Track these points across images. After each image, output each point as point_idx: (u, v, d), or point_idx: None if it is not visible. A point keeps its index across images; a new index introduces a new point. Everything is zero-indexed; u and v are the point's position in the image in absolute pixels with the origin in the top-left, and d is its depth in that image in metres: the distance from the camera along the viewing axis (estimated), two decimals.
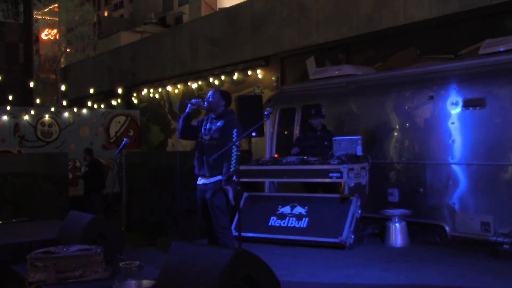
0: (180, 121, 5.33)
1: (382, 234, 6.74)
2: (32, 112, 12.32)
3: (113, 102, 16.58)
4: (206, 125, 5.32)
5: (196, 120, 5.48)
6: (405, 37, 9.17)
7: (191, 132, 5.38)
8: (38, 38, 34.41)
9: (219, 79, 12.99)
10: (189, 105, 5.30)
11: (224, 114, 5.28)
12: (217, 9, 21.74)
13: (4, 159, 8.15)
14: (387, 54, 9.46)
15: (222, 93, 5.37)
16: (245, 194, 7.31)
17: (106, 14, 40.61)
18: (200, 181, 5.36)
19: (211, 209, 5.21)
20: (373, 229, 7.17)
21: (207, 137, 5.26)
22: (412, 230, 6.72)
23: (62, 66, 25.62)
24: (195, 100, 5.32)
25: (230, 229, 5.41)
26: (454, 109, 6.50)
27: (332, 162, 6.70)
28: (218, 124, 5.22)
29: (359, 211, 6.58)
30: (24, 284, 3.31)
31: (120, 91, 15.26)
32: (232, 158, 5.04)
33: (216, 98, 5.28)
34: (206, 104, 5.26)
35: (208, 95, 5.32)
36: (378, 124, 7.45)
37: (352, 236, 6.39)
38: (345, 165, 6.50)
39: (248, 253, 2.59)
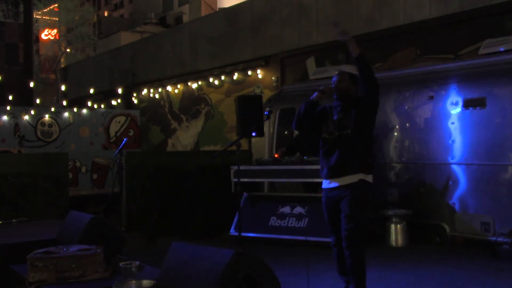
0: (302, 109, 4.38)
1: (382, 234, 6.74)
2: (32, 112, 12.29)
3: (113, 102, 16.56)
4: (333, 116, 4.31)
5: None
6: (405, 37, 9.16)
7: (312, 123, 4.44)
8: (38, 38, 34.41)
9: (219, 79, 12.99)
10: (316, 93, 4.32)
11: (357, 101, 4.24)
12: (217, 9, 21.70)
13: (4, 159, 8.13)
14: (387, 54, 9.45)
15: (352, 75, 4.28)
16: (245, 194, 7.31)
17: (106, 14, 40.60)
18: (329, 184, 4.28)
19: (344, 218, 4.10)
20: (373, 229, 7.17)
21: (339, 130, 4.24)
22: (412, 230, 6.72)
23: (62, 66, 25.63)
24: (323, 87, 4.34)
25: (363, 248, 4.16)
26: (454, 109, 6.50)
27: None
28: (353, 112, 4.21)
29: None
30: (24, 284, 3.31)
31: (120, 91, 15.24)
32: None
33: (346, 82, 4.27)
34: (335, 90, 4.27)
35: (334, 79, 4.32)
36: (378, 124, 7.39)
37: None
38: None
39: (248, 253, 2.59)
